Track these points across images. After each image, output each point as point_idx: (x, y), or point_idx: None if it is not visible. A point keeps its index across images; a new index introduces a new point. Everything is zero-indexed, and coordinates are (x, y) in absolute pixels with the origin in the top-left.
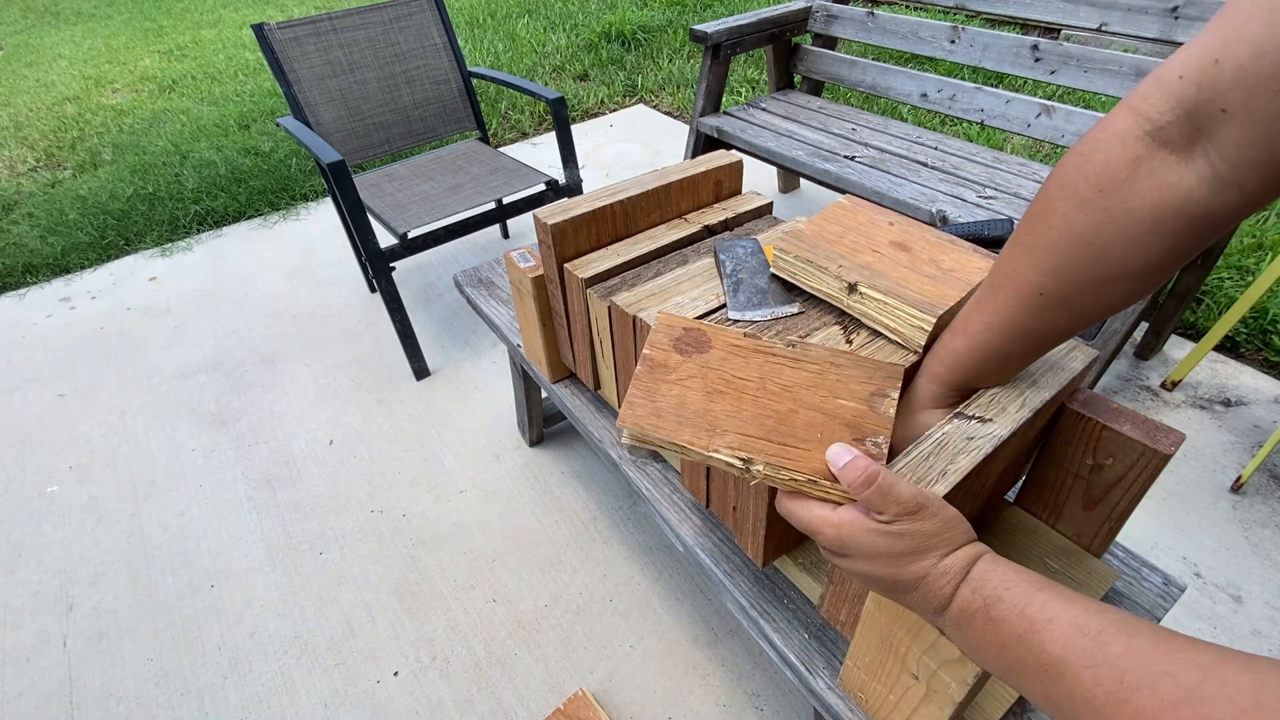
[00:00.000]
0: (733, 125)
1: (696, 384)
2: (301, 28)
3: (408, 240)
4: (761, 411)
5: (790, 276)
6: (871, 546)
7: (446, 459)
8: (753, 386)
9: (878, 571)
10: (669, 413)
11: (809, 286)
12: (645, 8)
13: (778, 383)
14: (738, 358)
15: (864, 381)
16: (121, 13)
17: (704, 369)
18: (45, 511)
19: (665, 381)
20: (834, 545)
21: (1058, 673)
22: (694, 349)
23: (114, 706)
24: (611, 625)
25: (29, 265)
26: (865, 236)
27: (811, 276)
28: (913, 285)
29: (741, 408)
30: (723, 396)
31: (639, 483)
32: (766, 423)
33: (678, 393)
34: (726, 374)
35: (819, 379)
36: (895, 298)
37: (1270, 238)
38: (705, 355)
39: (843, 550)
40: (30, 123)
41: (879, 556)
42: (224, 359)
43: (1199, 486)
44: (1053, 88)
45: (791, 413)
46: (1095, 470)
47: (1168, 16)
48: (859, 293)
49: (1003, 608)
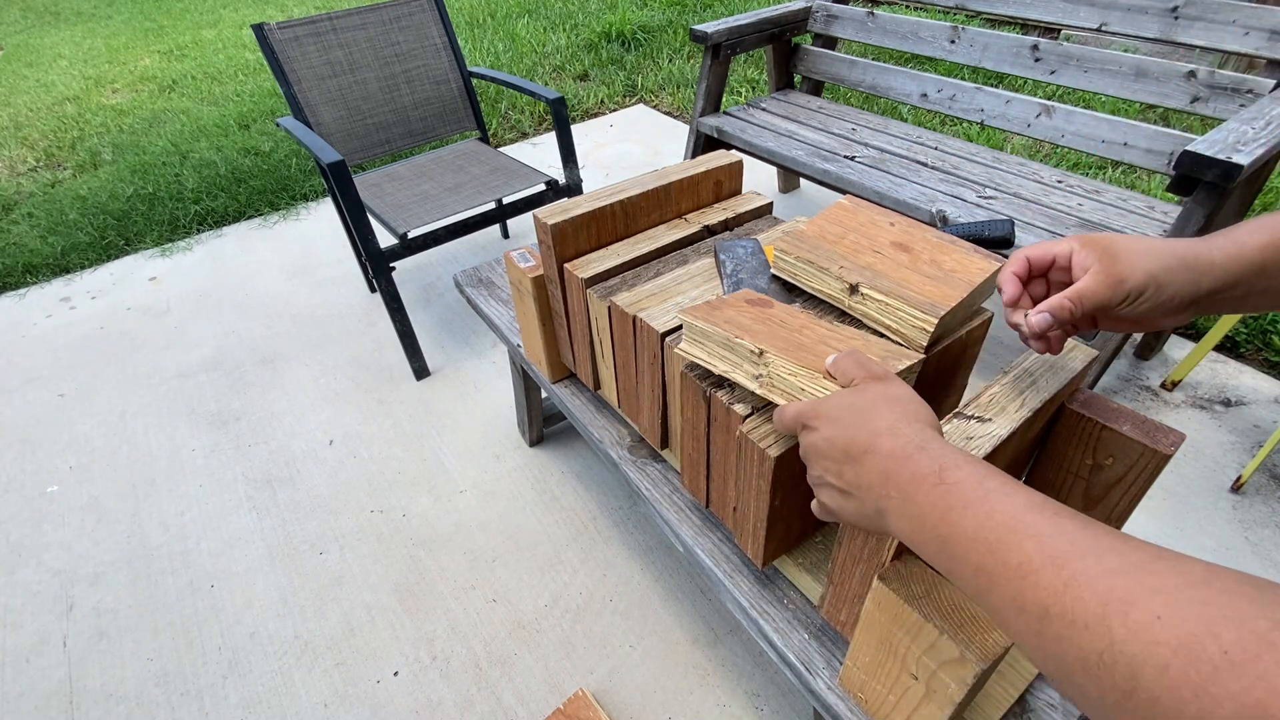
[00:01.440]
0: (733, 125)
1: (750, 316)
2: (301, 28)
3: (408, 240)
4: (791, 339)
5: (791, 277)
6: (835, 405)
7: (446, 459)
8: (791, 328)
9: (837, 435)
10: (718, 317)
11: (810, 288)
12: (645, 8)
13: (814, 333)
14: (790, 316)
15: (885, 351)
16: (121, 13)
17: (760, 314)
18: (45, 511)
19: (728, 309)
20: (806, 415)
21: (998, 539)
22: (760, 305)
23: (114, 706)
24: (611, 625)
25: (29, 265)
26: (866, 237)
27: (813, 278)
28: (914, 286)
29: (776, 333)
30: (766, 326)
31: (639, 483)
32: (791, 344)
33: (732, 314)
34: (775, 319)
35: (848, 340)
36: (897, 299)
37: None
38: (766, 310)
39: (813, 418)
40: (30, 123)
41: (841, 416)
42: (224, 359)
43: (1199, 486)
44: (1053, 88)
45: (815, 345)
46: (1095, 470)
47: (1168, 16)
48: (860, 294)
49: (959, 474)
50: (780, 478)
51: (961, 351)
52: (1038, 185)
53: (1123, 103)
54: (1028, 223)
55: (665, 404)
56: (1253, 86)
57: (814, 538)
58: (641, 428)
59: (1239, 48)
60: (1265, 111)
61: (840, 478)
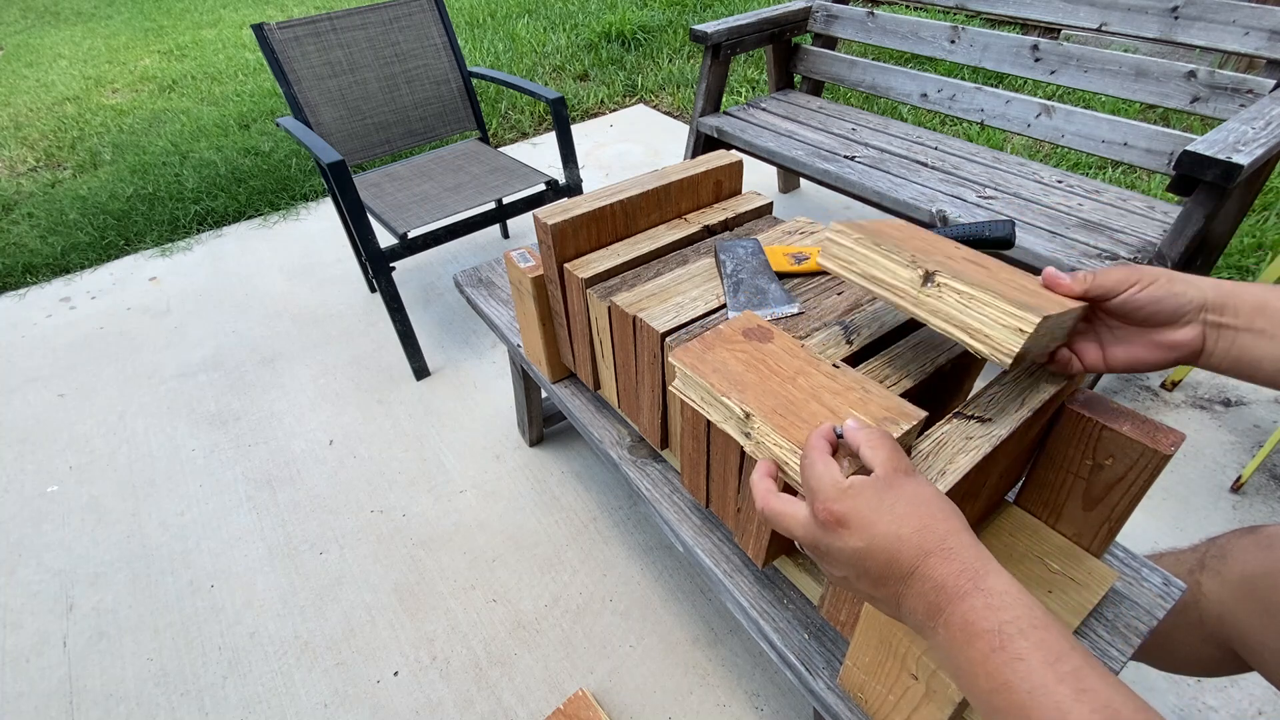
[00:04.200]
0: (733, 125)
1: (743, 357)
2: (301, 28)
3: (408, 240)
4: (781, 393)
5: (841, 265)
6: (867, 507)
7: (446, 459)
8: (784, 376)
9: (876, 549)
10: (708, 363)
11: (863, 276)
12: (645, 8)
13: (808, 382)
14: (787, 355)
15: (883, 409)
16: (121, 13)
17: (756, 351)
18: (45, 511)
19: (722, 348)
20: (832, 516)
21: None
22: (758, 339)
23: (114, 706)
24: (611, 625)
25: (29, 265)
26: (931, 245)
27: (873, 264)
28: (999, 289)
29: (766, 384)
30: (757, 372)
31: (639, 483)
32: (780, 401)
33: (725, 357)
34: (770, 361)
35: (843, 392)
36: (987, 292)
37: (1270, 238)
38: (764, 345)
39: (841, 522)
40: (30, 123)
41: (876, 523)
42: (224, 359)
43: (1199, 486)
44: (1053, 88)
45: (805, 403)
46: (1095, 470)
47: (1168, 16)
48: (936, 284)
49: (1024, 645)
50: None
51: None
52: (1038, 185)
53: (1123, 103)
54: (1028, 223)
55: (665, 404)
56: (1253, 86)
57: None
58: (641, 428)
59: (1239, 48)
60: (1265, 111)
61: (874, 589)
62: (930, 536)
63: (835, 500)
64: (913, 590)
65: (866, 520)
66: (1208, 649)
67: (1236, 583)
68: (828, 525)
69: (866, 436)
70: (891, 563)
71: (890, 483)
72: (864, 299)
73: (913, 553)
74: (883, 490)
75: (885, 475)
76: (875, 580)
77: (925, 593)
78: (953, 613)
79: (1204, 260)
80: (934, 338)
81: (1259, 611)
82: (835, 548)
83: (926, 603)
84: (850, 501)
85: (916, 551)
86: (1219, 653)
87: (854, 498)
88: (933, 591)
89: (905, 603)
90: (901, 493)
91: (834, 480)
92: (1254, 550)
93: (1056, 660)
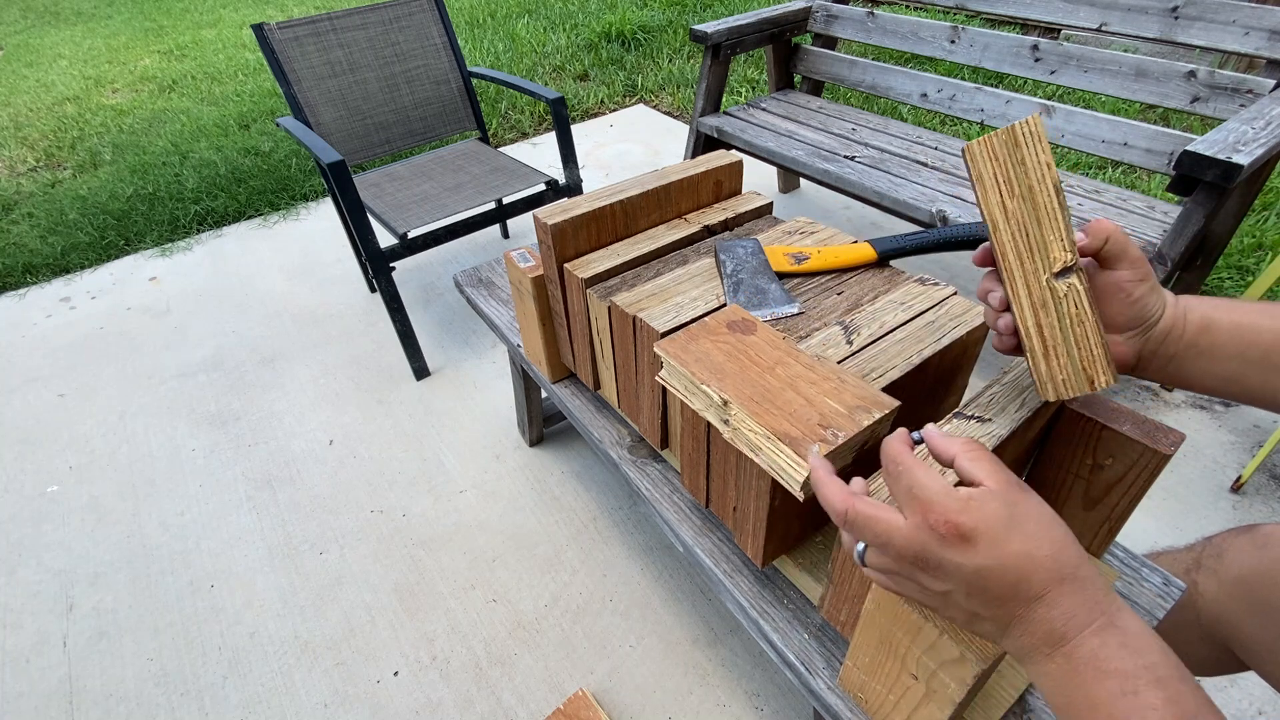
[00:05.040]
0: (733, 125)
1: (725, 348)
2: (301, 28)
3: (408, 240)
4: (760, 382)
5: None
6: (996, 519)
7: (446, 459)
8: (764, 366)
9: (1006, 565)
10: (691, 353)
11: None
12: (645, 8)
13: (786, 371)
14: (768, 346)
15: (857, 398)
16: (121, 13)
17: (738, 343)
18: (45, 511)
19: (706, 339)
20: (957, 528)
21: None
22: (741, 331)
23: (114, 706)
24: (611, 625)
25: (29, 265)
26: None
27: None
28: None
29: (746, 374)
30: (738, 363)
31: (639, 483)
32: (757, 389)
33: (708, 347)
34: (751, 352)
35: (819, 382)
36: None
37: (1270, 238)
38: (746, 337)
39: (969, 536)
40: (30, 123)
41: (1007, 539)
42: (224, 359)
43: (1199, 486)
44: (1053, 88)
45: (782, 391)
46: (1095, 470)
47: (1168, 16)
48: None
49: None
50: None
51: (962, 352)
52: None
53: (1123, 103)
54: None
55: (665, 404)
56: (1253, 86)
57: (814, 538)
58: (641, 428)
59: (1239, 48)
60: (1265, 111)
61: (986, 608)
62: (1065, 562)
63: (960, 512)
64: (1036, 615)
65: (998, 537)
66: (1205, 648)
67: (1233, 582)
68: (947, 540)
69: (964, 447)
70: (1020, 583)
71: (1012, 498)
72: (864, 298)
73: (1046, 577)
74: (1009, 505)
75: (1002, 489)
76: (993, 600)
77: (1052, 619)
78: (1080, 644)
79: (1204, 260)
80: (919, 332)
81: (1255, 611)
82: (953, 563)
83: (1050, 630)
84: (977, 514)
85: (1050, 576)
86: (1216, 652)
87: (979, 511)
88: (1061, 619)
89: (1021, 626)
90: (1027, 510)
91: (949, 490)
92: (1250, 549)
93: (1193, 717)
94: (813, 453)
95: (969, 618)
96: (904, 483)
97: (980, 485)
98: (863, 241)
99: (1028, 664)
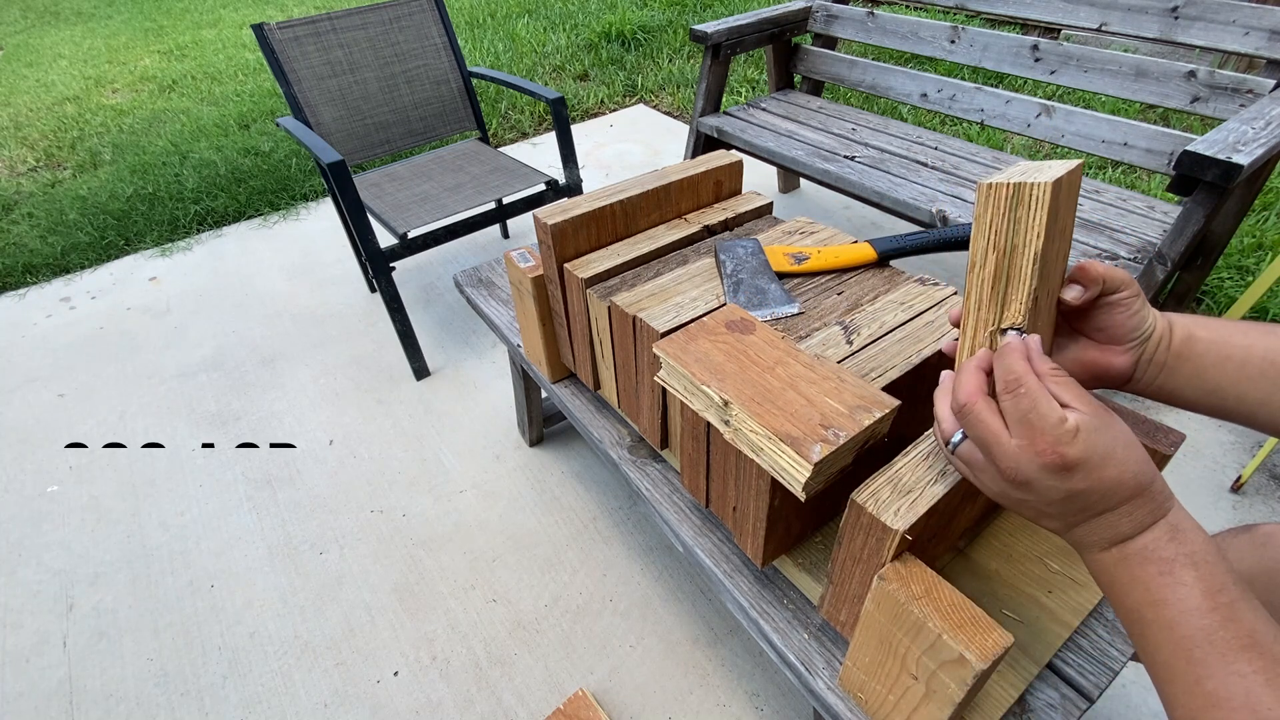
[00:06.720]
0: (733, 125)
1: (724, 348)
2: (301, 28)
3: (408, 240)
4: (760, 382)
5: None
6: (1112, 440)
7: (446, 459)
8: (764, 366)
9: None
10: (690, 354)
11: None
12: (645, 8)
13: (786, 371)
14: (767, 346)
15: (857, 397)
16: (121, 13)
17: (737, 342)
18: (45, 511)
19: (705, 339)
20: (1074, 459)
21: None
22: (740, 331)
23: (114, 706)
24: (611, 625)
25: (29, 265)
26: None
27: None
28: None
29: (746, 374)
30: (737, 362)
31: (639, 483)
32: (758, 390)
33: (707, 347)
34: (750, 352)
35: (819, 381)
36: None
37: (1270, 238)
38: (745, 336)
39: (1085, 459)
40: (30, 123)
41: (1122, 457)
42: (224, 359)
43: (1199, 486)
44: (1053, 88)
45: (782, 391)
46: None
47: (1168, 16)
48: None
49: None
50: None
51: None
52: None
53: (1123, 103)
54: None
55: (665, 404)
56: (1253, 86)
57: (814, 538)
58: (641, 428)
59: (1239, 48)
60: (1265, 111)
61: (1065, 516)
62: (1143, 480)
63: (1067, 444)
64: (1106, 520)
65: (1096, 466)
66: None
67: None
68: (1049, 467)
69: (1051, 369)
70: (1102, 501)
71: (1107, 424)
72: (864, 298)
73: (1126, 494)
74: (1104, 433)
75: (1097, 414)
76: (1072, 510)
77: (1119, 524)
78: (1136, 540)
79: (1204, 260)
80: (919, 332)
81: None
82: (1047, 485)
83: (1116, 532)
84: (1082, 446)
85: (1130, 492)
86: None
87: (1083, 443)
88: (1129, 525)
89: (1088, 526)
90: (1118, 435)
91: (1059, 419)
92: (1248, 549)
93: (1217, 591)
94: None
95: (1038, 515)
96: (1022, 405)
97: (1071, 408)
98: (863, 241)
99: (1084, 552)
